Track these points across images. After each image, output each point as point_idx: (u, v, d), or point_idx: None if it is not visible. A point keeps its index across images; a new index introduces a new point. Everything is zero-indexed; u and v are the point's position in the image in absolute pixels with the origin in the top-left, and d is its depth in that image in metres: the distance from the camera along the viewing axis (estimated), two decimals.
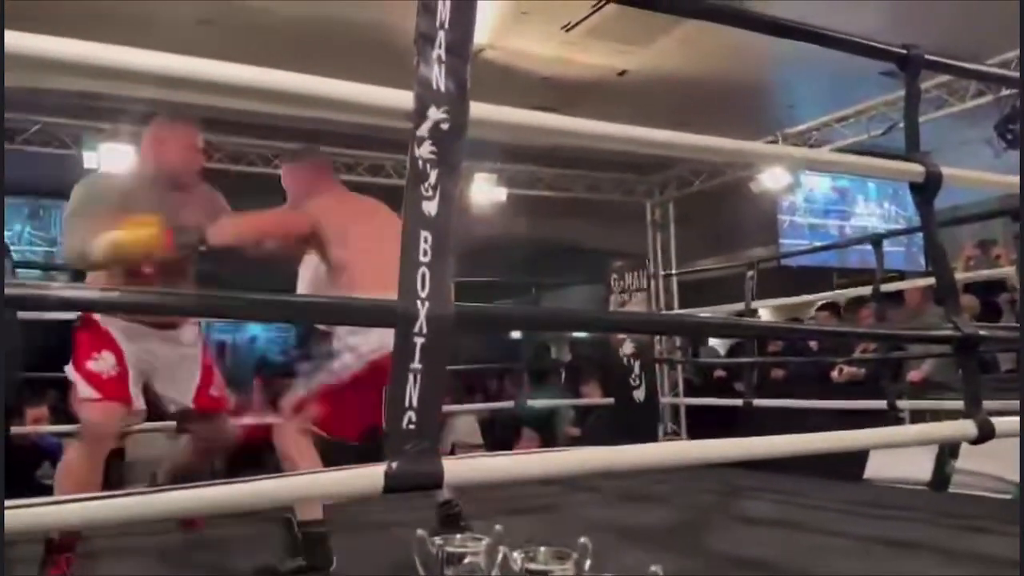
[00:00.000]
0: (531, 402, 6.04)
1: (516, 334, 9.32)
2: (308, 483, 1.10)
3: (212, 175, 3.36)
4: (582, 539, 1.07)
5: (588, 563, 1.01)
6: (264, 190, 3.38)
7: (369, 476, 1.10)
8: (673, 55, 5.70)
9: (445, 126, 1.18)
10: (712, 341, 8.52)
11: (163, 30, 4.27)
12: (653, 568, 0.97)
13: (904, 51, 1.67)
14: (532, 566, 1.04)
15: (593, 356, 7.75)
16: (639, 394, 5.94)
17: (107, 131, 5.60)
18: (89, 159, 5.59)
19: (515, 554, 1.07)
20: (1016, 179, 2.07)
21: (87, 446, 2.69)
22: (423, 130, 1.17)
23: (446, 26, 1.19)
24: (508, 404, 6.26)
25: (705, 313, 5.81)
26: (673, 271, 7.24)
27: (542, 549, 1.07)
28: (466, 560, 1.12)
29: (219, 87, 1.10)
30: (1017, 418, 2.20)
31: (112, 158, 5.56)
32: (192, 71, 1.08)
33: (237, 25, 4.88)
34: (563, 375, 8.08)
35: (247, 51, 1.12)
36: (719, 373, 7.31)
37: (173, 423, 4.74)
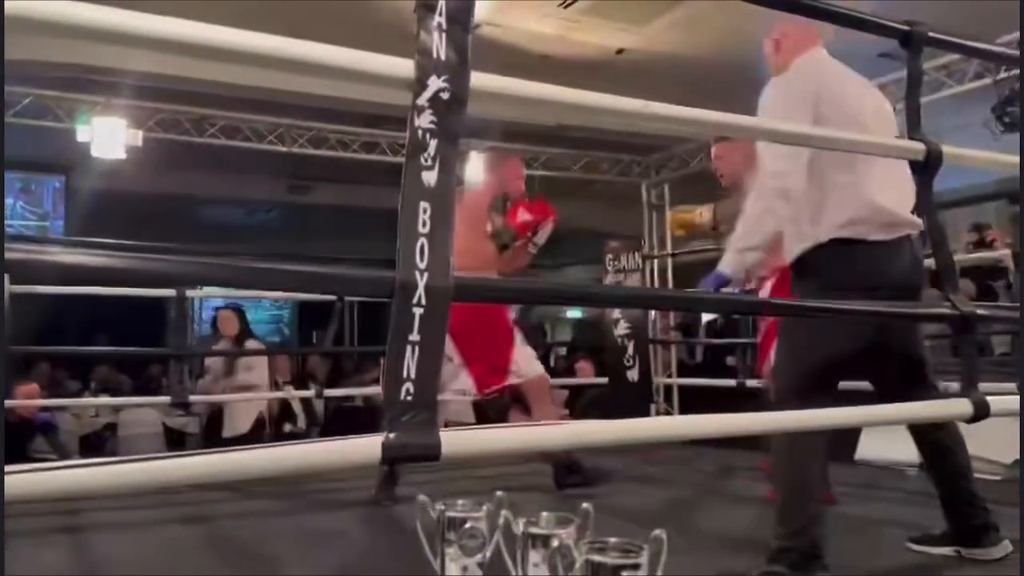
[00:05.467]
0: None
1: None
2: (307, 452, 1.09)
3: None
4: (584, 504, 1.07)
5: (590, 528, 1.01)
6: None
7: (367, 446, 1.10)
8: (671, 35, 5.67)
9: (445, 95, 1.17)
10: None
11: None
12: (656, 532, 0.97)
13: (907, 28, 1.66)
14: (535, 530, 1.04)
15: (588, 336, 7.75)
16: (633, 374, 5.95)
17: (101, 104, 5.55)
18: (82, 133, 5.55)
19: (517, 519, 1.07)
20: (1016, 159, 2.07)
21: None
22: (423, 99, 1.16)
23: None
24: None
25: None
26: (668, 252, 7.23)
27: (544, 514, 1.07)
28: (467, 525, 1.12)
29: (216, 52, 1.08)
30: (1011, 398, 2.21)
31: (105, 132, 5.52)
32: (187, 35, 1.06)
33: None
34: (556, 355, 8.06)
35: (235, 23, 1.09)
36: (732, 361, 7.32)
37: (165, 399, 4.77)
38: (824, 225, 2.16)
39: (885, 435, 4.55)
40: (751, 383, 5.10)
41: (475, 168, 4.19)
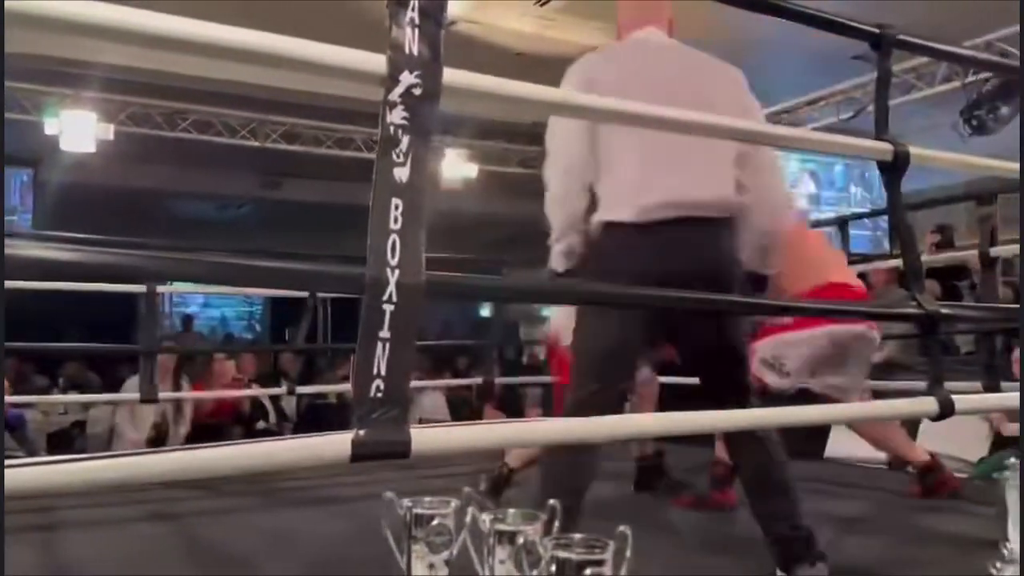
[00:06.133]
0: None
1: (485, 312, 9.33)
2: (276, 450, 1.09)
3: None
4: (551, 501, 1.07)
5: (557, 524, 1.01)
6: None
7: (336, 444, 1.09)
8: None
9: (418, 91, 1.16)
10: None
11: None
12: (621, 528, 0.97)
13: (877, 30, 1.68)
14: (501, 527, 1.05)
15: None
16: None
17: (70, 97, 5.48)
18: (51, 126, 5.48)
19: (484, 515, 1.08)
20: (983, 161, 2.10)
21: None
22: (395, 95, 1.15)
23: None
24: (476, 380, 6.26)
25: None
26: None
27: (511, 511, 1.07)
28: (434, 522, 1.12)
29: (188, 46, 1.07)
30: (976, 396, 2.25)
31: (74, 125, 5.45)
32: (152, 27, 1.04)
33: None
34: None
35: (204, 15, 1.08)
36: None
37: (135, 396, 4.66)
38: (600, 208, 2.06)
39: (854, 432, 4.60)
40: None
41: None
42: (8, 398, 5.24)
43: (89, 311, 6.71)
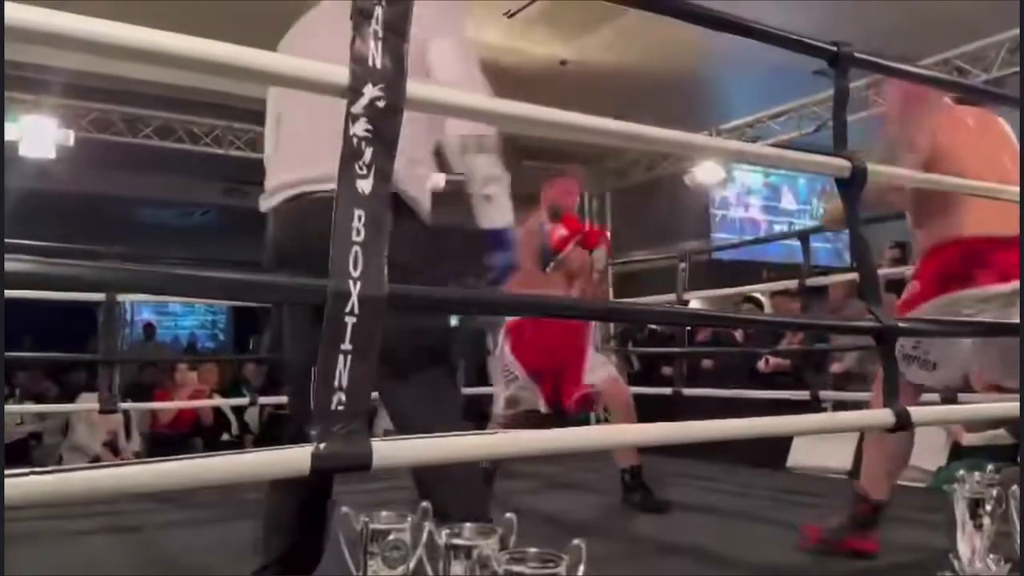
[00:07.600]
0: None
1: (452, 322, 9.29)
2: (235, 463, 1.08)
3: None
4: (507, 514, 1.08)
5: (513, 539, 1.02)
6: None
7: (296, 457, 1.08)
8: (614, 46, 5.74)
9: (381, 104, 1.16)
10: None
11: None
12: (576, 541, 0.98)
13: (834, 48, 1.71)
14: (457, 541, 1.05)
15: None
16: None
17: (30, 102, 5.39)
18: (10, 131, 5.38)
19: (441, 530, 1.08)
20: (937, 177, 2.14)
21: None
22: (358, 107, 1.15)
23: (383, 2, 1.17)
24: None
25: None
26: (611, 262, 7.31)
27: (467, 525, 1.07)
28: (391, 536, 1.12)
29: (145, 55, 1.06)
30: (931, 408, 2.29)
31: (34, 131, 5.36)
32: (118, 37, 1.03)
33: None
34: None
35: (167, 22, 1.07)
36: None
37: (94, 406, 4.59)
38: None
39: (815, 443, 4.66)
40: (687, 392, 5.17)
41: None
42: None
43: (47, 319, 6.58)
